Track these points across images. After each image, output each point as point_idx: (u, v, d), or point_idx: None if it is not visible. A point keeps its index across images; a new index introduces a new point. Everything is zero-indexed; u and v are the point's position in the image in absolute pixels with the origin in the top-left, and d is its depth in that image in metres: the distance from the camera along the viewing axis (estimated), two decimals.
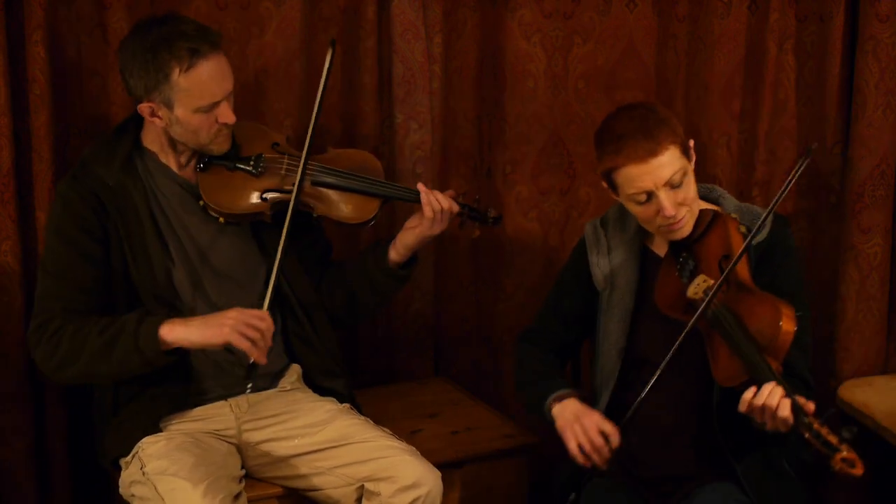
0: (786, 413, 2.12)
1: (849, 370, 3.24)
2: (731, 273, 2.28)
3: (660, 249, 2.51)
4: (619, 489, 2.46)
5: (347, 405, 2.65)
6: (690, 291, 2.34)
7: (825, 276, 3.25)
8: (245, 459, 2.58)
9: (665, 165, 2.30)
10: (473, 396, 3.13)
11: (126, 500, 2.49)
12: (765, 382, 2.16)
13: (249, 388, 2.51)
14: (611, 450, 2.36)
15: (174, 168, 2.56)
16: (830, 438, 2.06)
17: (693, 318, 2.27)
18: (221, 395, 2.58)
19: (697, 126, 3.20)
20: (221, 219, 2.57)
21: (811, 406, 2.13)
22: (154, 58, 2.39)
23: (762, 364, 2.18)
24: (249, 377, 2.43)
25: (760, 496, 2.37)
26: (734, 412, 2.23)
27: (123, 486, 2.49)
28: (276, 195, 2.59)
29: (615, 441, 2.36)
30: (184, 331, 2.37)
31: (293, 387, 2.67)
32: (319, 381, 2.68)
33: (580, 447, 2.37)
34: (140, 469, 2.42)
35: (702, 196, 2.50)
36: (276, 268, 2.48)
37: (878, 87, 3.06)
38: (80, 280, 2.45)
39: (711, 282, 2.31)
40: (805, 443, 2.10)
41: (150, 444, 2.44)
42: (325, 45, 2.99)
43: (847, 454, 2.04)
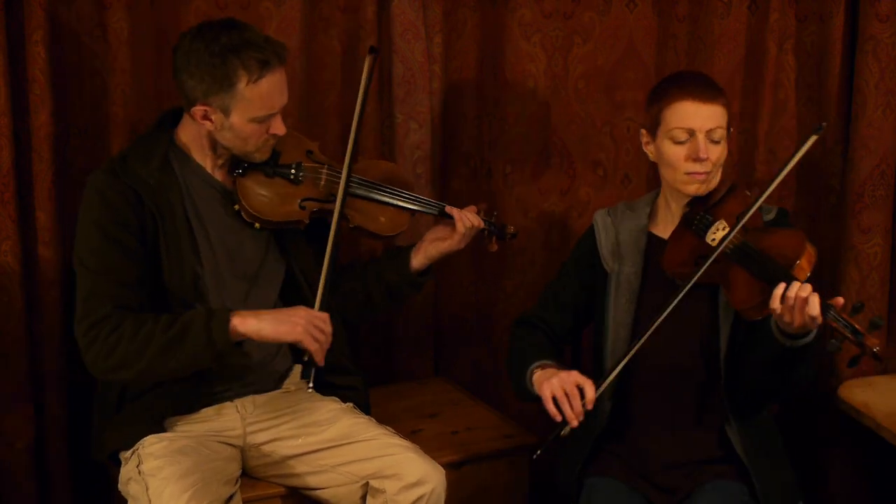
0: (815, 307, 2.21)
1: (849, 370, 3.23)
2: (748, 222, 2.39)
3: (664, 233, 2.57)
4: (621, 490, 2.47)
5: (351, 404, 2.65)
6: (709, 237, 2.44)
7: (825, 276, 3.24)
8: (248, 460, 2.58)
9: (714, 117, 2.47)
10: (473, 396, 3.13)
11: (123, 497, 2.49)
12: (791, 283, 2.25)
13: (311, 387, 2.47)
14: (584, 403, 2.36)
15: (208, 169, 2.55)
16: (858, 326, 2.20)
17: (721, 244, 2.37)
18: (228, 397, 2.57)
19: None
20: (257, 224, 2.57)
21: (840, 300, 2.24)
22: (223, 63, 2.37)
23: (789, 276, 2.27)
24: (309, 376, 2.44)
25: (755, 472, 2.42)
26: (739, 365, 2.37)
27: (122, 483, 2.49)
28: (316, 204, 2.60)
29: (590, 393, 2.37)
30: (256, 323, 2.38)
31: (297, 387, 2.67)
32: (335, 380, 2.67)
33: (553, 398, 2.38)
34: (136, 466, 2.41)
35: None
36: (325, 275, 2.48)
37: (878, 87, 3.06)
38: (127, 276, 2.41)
39: (729, 227, 2.42)
40: (833, 333, 2.22)
41: (152, 444, 2.44)
42: (326, 45, 3.00)
43: (875, 339, 2.18)
